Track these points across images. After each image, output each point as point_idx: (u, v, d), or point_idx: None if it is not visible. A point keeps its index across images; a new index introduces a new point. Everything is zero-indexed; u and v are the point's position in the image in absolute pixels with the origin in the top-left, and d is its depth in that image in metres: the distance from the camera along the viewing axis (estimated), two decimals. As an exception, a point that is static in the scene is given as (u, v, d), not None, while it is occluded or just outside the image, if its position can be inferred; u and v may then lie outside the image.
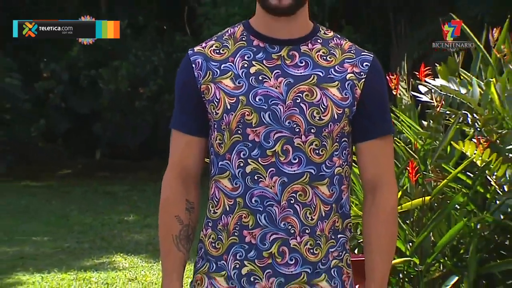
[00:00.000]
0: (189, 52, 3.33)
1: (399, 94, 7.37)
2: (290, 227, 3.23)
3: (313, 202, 3.23)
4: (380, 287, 3.33)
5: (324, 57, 3.26)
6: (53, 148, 18.95)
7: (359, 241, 6.43)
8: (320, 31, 3.32)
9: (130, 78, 17.59)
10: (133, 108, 17.62)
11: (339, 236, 3.32)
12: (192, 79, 3.28)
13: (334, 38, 3.33)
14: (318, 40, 3.30)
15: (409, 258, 6.43)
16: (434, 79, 7.14)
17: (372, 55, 3.31)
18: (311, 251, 3.26)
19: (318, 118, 3.20)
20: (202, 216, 3.36)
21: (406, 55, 8.03)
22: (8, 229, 12.63)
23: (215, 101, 3.23)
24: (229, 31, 3.35)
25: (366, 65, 3.28)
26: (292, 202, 3.22)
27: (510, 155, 6.72)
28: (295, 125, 3.19)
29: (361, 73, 3.26)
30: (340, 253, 3.33)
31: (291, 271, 3.25)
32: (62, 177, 18.10)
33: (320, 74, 3.23)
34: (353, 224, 3.41)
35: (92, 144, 19.28)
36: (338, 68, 3.25)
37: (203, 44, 3.33)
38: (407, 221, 6.64)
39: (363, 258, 3.37)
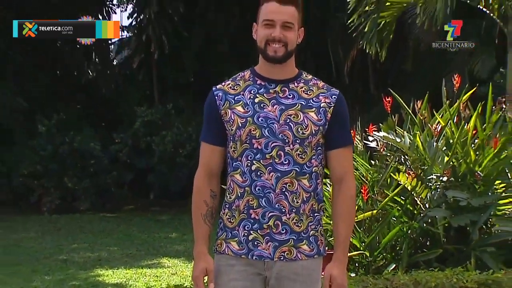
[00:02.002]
0: (213, 88, 3.34)
1: (355, 143, 7.34)
2: (282, 207, 3.21)
3: (298, 190, 3.22)
4: (344, 246, 3.32)
5: (305, 92, 3.26)
6: (121, 191, 18.77)
7: (329, 240, 6.36)
8: (303, 74, 3.34)
9: (173, 142, 17.54)
10: (175, 164, 17.53)
11: (315, 214, 3.30)
12: (215, 107, 3.29)
13: (312, 80, 3.33)
14: (301, 81, 3.30)
15: (362, 252, 6.37)
16: (378, 132, 7.13)
17: (338, 91, 3.32)
18: (296, 224, 3.24)
19: (301, 133, 3.19)
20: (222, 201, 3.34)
21: (360, 119, 8.00)
22: (91, 243, 12.57)
23: (231, 121, 3.23)
24: (240, 74, 3.36)
25: (334, 97, 3.28)
26: (283, 190, 3.20)
27: (429, 183, 6.69)
28: (285, 138, 3.19)
29: (331, 103, 3.26)
30: (316, 226, 3.30)
31: (283, 238, 3.23)
32: (127, 210, 17.95)
33: (303, 103, 3.23)
34: (323, 230, 3.37)
35: (147, 189, 19.13)
36: (315, 99, 3.25)
37: (223, 83, 3.35)
38: (361, 228, 6.57)
39: (331, 252, 3.34)
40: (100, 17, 23.22)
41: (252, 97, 3.25)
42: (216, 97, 3.29)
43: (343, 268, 3.28)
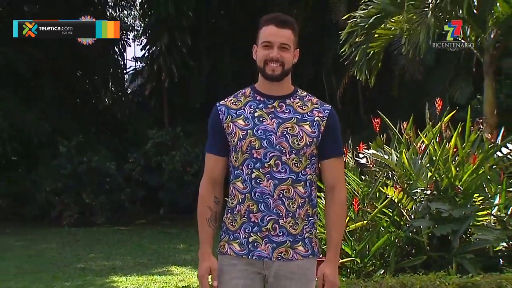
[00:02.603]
0: (217, 104, 3.35)
1: (347, 160, 7.32)
2: (279, 212, 3.19)
3: (293, 196, 3.20)
4: (336, 248, 3.30)
5: (301, 107, 3.25)
6: (134, 207, 18.69)
7: (323, 248, 6.33)
8: (298, 91, 3.33)
9: (182, 162, 17.50)
10: (183, 181, 17.46)
11: (310, 218, 3.28)
12: (218, 120, 3.28)
13: (307, 96, 3.33)
14: (297, 97, 3.29)
15: (354, 259, 6.34)
16: (368, 150, 7.12)
17: (330, 106, 3.32)
18: (292, 227, 3.22)
19: (297, 144, 3.18)
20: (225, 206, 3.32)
21: (351, 139, 7.97)
22: (106, 253, 12.49)
23: (233, 133, 3.22)
24: (241, 91, 3.37)
25: (326, 112, 3.27)
26: (280, 196, 3.18)
27: (414, 196, 6.67)
28: (282, 148, 3.18)
29: (324, 117, 3.25)
30: (311, 229, 3.28)
31: (280, 240, 3.21)
32: (139, 224, 17.82)
33: (298, 117, 3.22)
34: (318, 239, 3.35)
35: (158, 204, 19.02)
36: (309, 113, 3.24)
37: (226, 99, 3.35)
38: (353, 237, 6.54)
39: (323, 259, 3.33)
40: (116, 50, 23.41)
41: (252, 111, 3.24)
42: (219, 112, 3.29)
43: (335, 268, 3.26)
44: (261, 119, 3.22)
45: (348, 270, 6.45)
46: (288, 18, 3.23)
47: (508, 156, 7.03)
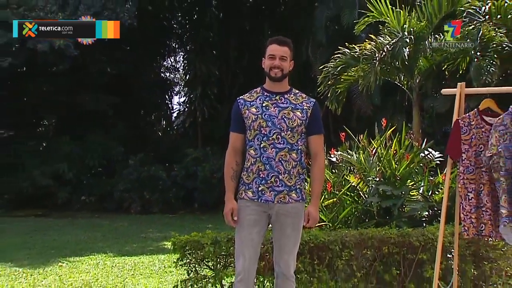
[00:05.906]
0: (237, 98, 3.36)
1: (322, 159, 7.24)
2: (279, 170, 3.20)
3: (289, 160, 3.21)
4: (317, 196, 3.32)
5: (294, 100, 3.27)
6: (177, 202, 18.50)
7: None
8: (293, 89, 3.35)
9: (210, 171, 17.48)
10: (211, 184, 17.37)
11: (300, 175, 3.29)
12: (238, 109, 3.31)
13: (298, 93, 3.35)
14: (292, 93, 3.31)
15: (327, 223, 6.26)
16: (337, 152, 7.08)
17: (314, 100, 3.33)
18: (288, 181, 3.22)
19: (291, 124, 3.19)
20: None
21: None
22: (159, 229, 12.50)
23: (248, 117, 3.23)
24: (254, 90, 3.40)
25: (312, 103, 3.30)
26: (280, 160, 3.19)
27: (368, 183, 6.61)
28: (282, 127, 3.19)
29: (310, 107, 3.26)
30: (301, 183, 3.28)
31: (280, 189, 3.21)
32: (181, 213, 17.61)
33: (293, 106, 3.24)
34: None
35: (193, 200, 18.78)
36: (300, 104, 3.26)
37: (244, 95, 3.36)
38: (327, 210, 6.46)
39: None
40: (167, 97, 23.45)
41: (261, 102, 3.26)
42: (239, 103, 3.32)
43: (316, 209, 3.26)
44: (267, 107, 3.23)
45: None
46: (286, 39, 3.28)
47: (428, 156, 7.02)
